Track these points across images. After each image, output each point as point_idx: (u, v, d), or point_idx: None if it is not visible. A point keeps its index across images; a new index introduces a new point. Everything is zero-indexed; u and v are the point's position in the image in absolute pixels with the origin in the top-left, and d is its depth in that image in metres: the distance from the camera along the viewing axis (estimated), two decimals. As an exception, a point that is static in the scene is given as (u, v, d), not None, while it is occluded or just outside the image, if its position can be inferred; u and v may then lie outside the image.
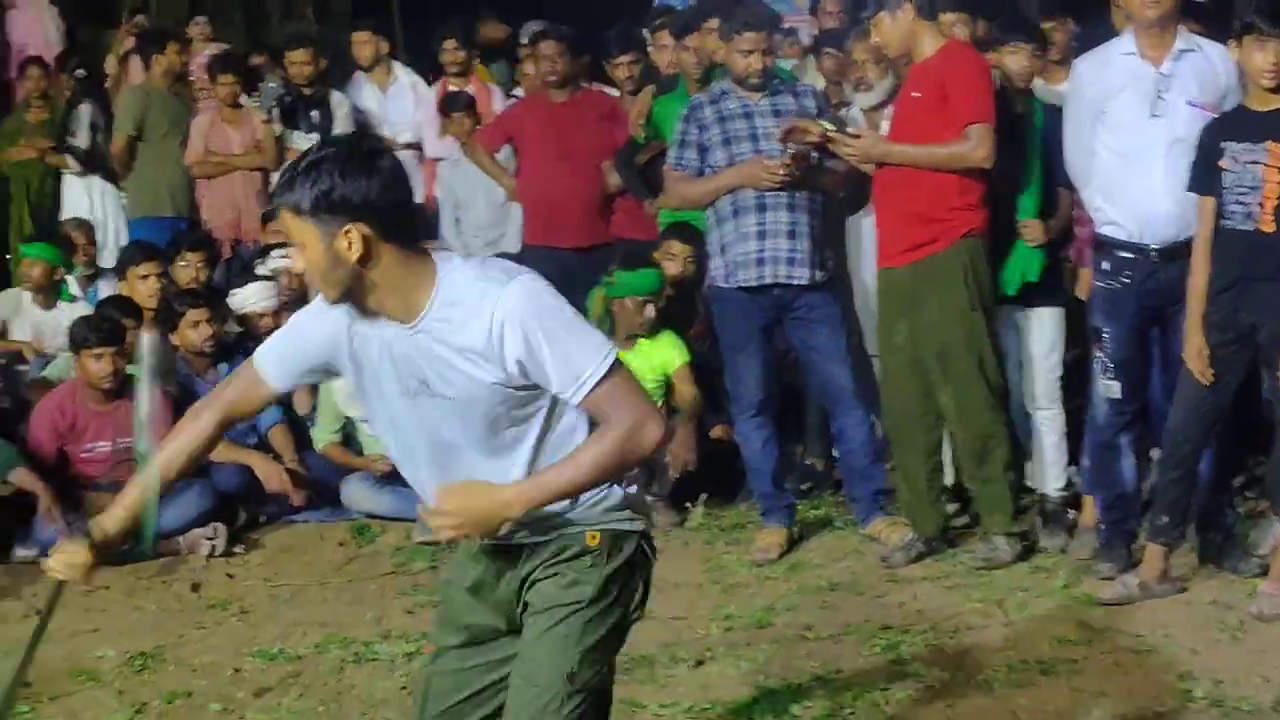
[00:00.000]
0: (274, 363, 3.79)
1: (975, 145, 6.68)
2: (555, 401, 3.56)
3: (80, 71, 11.58)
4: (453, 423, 3.56)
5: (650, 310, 7.94)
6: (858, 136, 6.89)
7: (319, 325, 3.67)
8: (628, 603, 3.71)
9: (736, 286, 7.13)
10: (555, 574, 3.65)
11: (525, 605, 3.70)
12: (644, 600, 3.76)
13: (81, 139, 10.94)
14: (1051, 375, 7.07)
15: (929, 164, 6.72)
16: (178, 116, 10.54)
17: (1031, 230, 6.91)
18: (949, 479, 7.32)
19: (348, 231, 3.40)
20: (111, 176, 10.78)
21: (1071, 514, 7.13)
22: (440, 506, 3.53)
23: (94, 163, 10.84)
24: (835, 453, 7.71)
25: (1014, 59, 6.96)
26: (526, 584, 3.70)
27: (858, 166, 7.01)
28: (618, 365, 3.49)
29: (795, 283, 7.09)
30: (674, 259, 8.22)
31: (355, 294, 3.49)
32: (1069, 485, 7.18)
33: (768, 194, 7.05)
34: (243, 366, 3.86)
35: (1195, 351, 6.15)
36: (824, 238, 7.22)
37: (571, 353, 3.45)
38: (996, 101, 6.76)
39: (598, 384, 3.44)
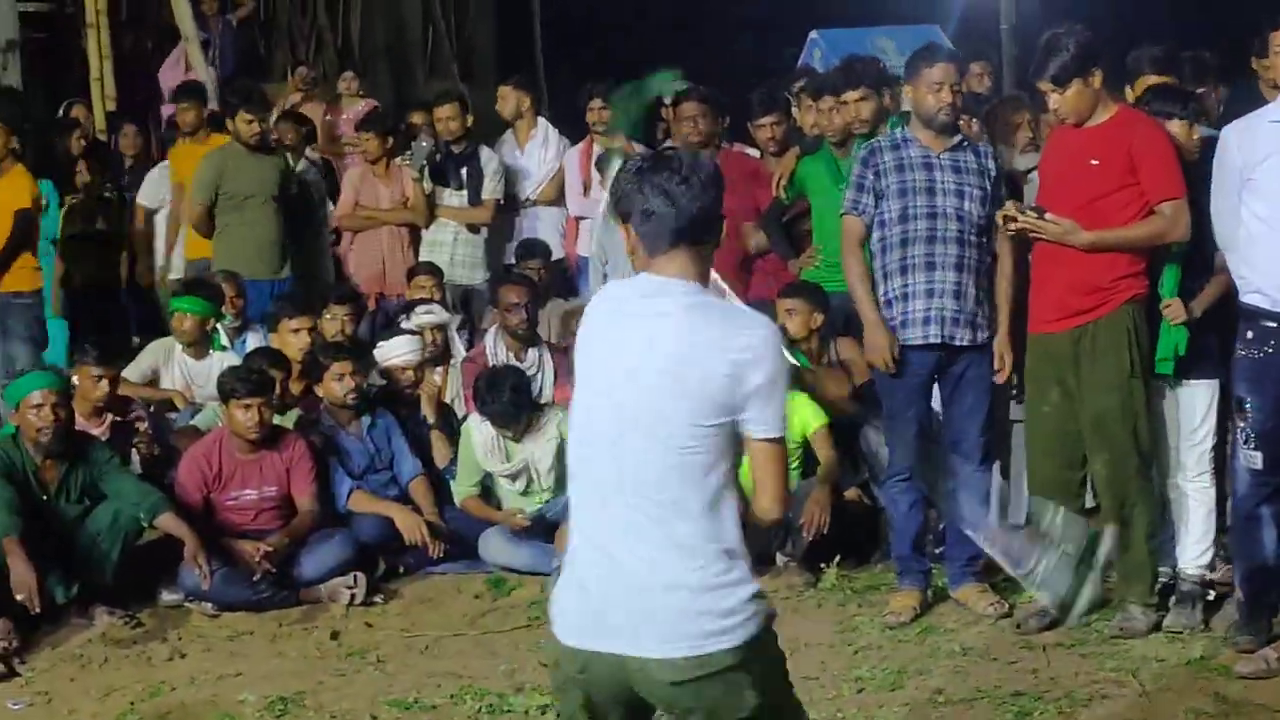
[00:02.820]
0: None
1: (1174, 222, 6.64)
2: None
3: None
4: None
5: None
6: (1057, 223, 6.70)
7: None
8: None
9: (900, 344, 7.09)
10: None
11: None
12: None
13: None
14: (1202, 447, 6.92)
15: (1128, 245, 6.70)
16: (264, 178, 10.37)
17: (1173, 310, 6.77)
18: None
19: None
20: None
21: (1210, 594, 6.99)
22: None
23: None
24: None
25: (1169, 129, 6.83)
26: None
27: None
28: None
29: (957, 343, 7.06)
30: (792, 317, 8.21)
31: None
32: (1212, 564, 7.01)
33: (938, 253, 6.99)
34: None
35: (1336, 422, 6.06)
36: (988, 299, 7.13)
37: None
38: None
39: None
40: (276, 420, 8.09)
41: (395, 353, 8.82)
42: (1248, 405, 6.44)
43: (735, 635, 3.76)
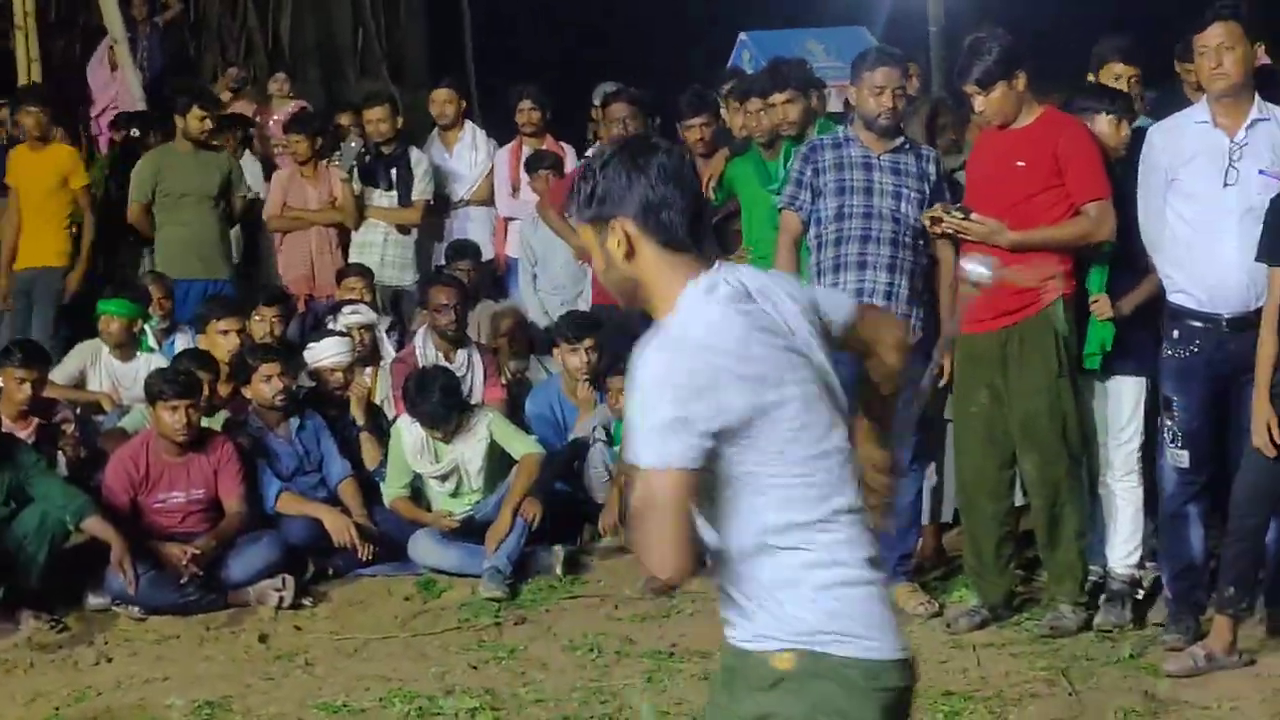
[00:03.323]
0: None
1: (1099, 223, 6.68)
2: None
3: (135, 132, 11.59)
4: None
5: None
6: (982, 223, 6.73)
7: None
8: None
9: None
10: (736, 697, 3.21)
11: None
12: None
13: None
14: (1129, 446, 6.97)
15: (1054, 246, 6.71)
16: (204, 178, 10.38)
17: (1100, 306, 6.81)
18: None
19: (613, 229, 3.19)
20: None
21: (1139, 593, 7.02)
22: None
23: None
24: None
25: (1097, 125, 6.88)
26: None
27: None
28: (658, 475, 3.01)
29: None
30: None
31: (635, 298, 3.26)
32: (1141, 563, 7.05)
33: (870, 253, 7.03)
34: None
35: (1262, 422, 6.11)
36: (921, 301, 7.15)
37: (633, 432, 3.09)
38: None
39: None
40: (204, 422, 8.04)
41: (324, 354, 8.77)
42: (1174, 404, 6.51)
43: None
